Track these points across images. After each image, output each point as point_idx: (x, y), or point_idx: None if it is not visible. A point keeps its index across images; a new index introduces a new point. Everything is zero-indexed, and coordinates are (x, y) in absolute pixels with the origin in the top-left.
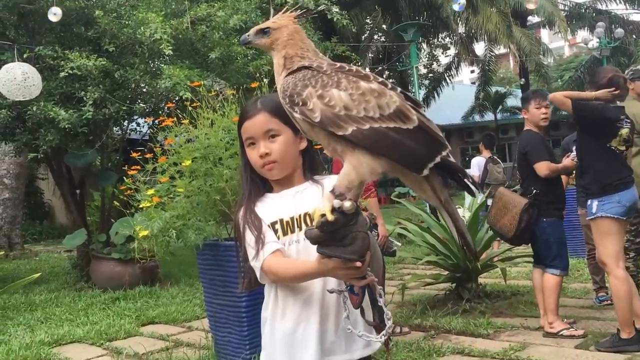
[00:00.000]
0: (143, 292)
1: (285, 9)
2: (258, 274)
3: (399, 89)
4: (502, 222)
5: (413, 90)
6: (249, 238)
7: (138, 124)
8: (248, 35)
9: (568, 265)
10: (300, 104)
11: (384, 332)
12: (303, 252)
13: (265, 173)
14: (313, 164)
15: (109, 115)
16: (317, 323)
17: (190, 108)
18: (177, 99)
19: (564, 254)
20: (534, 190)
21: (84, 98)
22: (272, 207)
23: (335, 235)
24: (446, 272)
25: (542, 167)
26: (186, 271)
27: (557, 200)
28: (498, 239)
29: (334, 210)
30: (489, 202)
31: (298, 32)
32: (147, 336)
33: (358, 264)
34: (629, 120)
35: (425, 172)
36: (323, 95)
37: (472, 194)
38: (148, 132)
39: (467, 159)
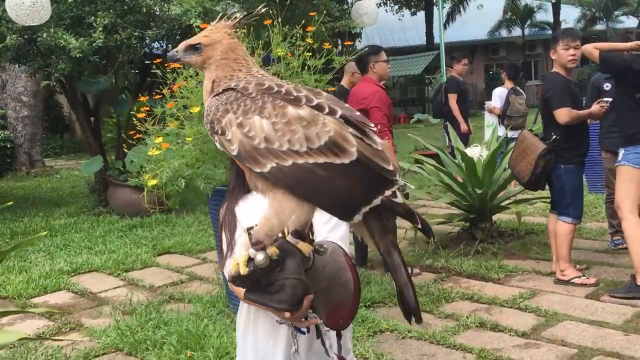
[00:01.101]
0: (159, 220)
1: (220, 16)
2: (228, 282)
3: (340, 111)
4: (520, 166)
5: (438, 6)
6: (224, 240)
7: (151, 50)
8: (177, 52)
9: (582, 213)
10: (219, 132)
11: None
12: None
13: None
14: None
15: (120, 42)
16: (285, 342)
17: None
18: (188, 24)
19: (578, 202)
20: (554, 136)
21: (94, 24)
22: (253, 209)
23: (259, 282)
24: (461, 213)
25: (562, 114)
26: (202, 198)
27: (578, 147)
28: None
29: (249, 260)
30: (510, 134)
31: (234, 49)
32: (162, 267)
33: (287, 314)
34: None
35: (357, 218)
36: (243, 124)
37: (427, 235)
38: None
39: (491, 78)
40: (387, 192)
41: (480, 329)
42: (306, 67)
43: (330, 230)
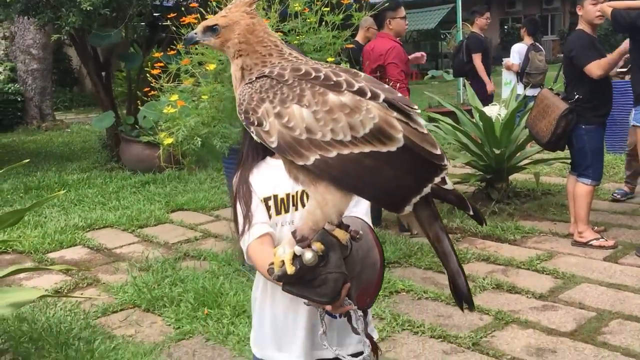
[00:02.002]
0: (172, 176)
1: None
2: (245, 255)
3: (382, 95)
4: (540, 126)
5: None
6: (239, 211)
7: (162, 2)
8: (195, 33)
9: (601, 175)
10: (256, 123)
11: (360, 357)
12: None
13: None
14: None
15: None
16: (306, 316)
17: (213, 2)
18: None
19: (598, 164)
20: (577, 96)
21: None
22: (268, 178)
23: (302, 278)
24: (477, 173)
25: (594, 68)
26: (217, 156)
27: (600, 107)
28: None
29: (295, 257)
30: (529, 92)
31: (253, 31)
32: (176, 224)
33: (328, 307)
34: None
35: (408, 209)
36: (281, 114)
37: (480, 222)
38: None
39: (507, 33)
40: (437, 179)
41: (496, 290)
42: (324, 23)
43: (355, 204)
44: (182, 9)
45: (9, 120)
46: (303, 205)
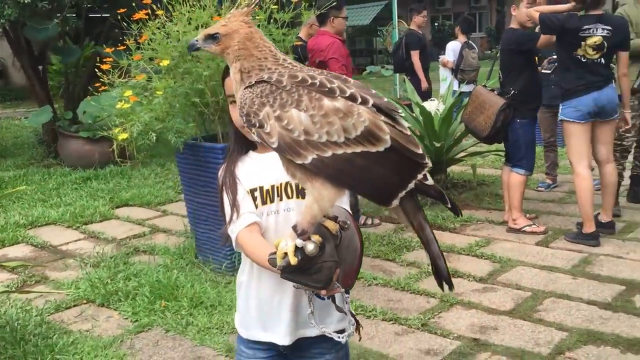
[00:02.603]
0: (114, 172)
1: (237, 3)
2: (233, 243)
3: (371, 100)
4: (477, 121)
5: None
6: (226, 202)
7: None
8: (197, 40)
9: (534, 166)
10: (257, 125)
11: (346, 334)
12: (282, 224)
13: (245, 134)
14: None
15: None
16: (291, 297)
17: None
18: None
19: (531, 155)
20: (512, 91)
21: None
22: (253, 170)
23: (301, 267)
24: None
25: (541, 41)
26: (157, 150)
27: (532, 101)
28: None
29: (297, 249)
30: (463, 88)
31: (251, 39)
32: (122, 220)
33: (323, 292)
34: (607, 27)
35: (395, 202)
36: (281, 117)
37: (456, 213)
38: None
39: (437, 30)
40: (420, 176)
41: None
42: (272, 20)
43: None
44: (134, 4)
45: None
46: (287, 196)
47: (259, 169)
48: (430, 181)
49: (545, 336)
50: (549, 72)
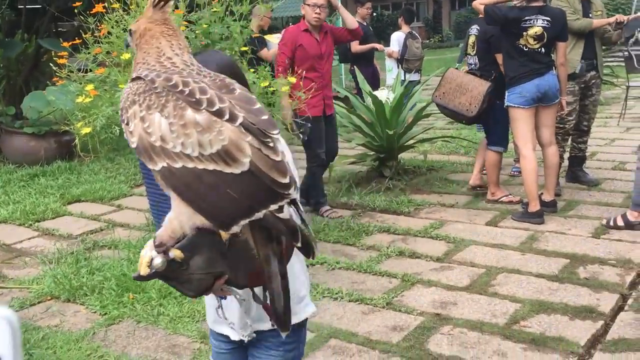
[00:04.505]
0: (62, 168)
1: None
2: None
3: (241, 118)
4: (459, 101)
5: None
6: None
7: None
8: (127, 39)
9: (508, 143)
10: (125, 122)
11: (247, 333)
12: None
13: None
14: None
15: None
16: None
17: None
18: None
19: (506, 134)
20: (494, 74)
21: None
22: None
23: (166, 277)
24: (372, 153)
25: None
26: (104, 144)
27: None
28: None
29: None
30: (408, 76)
31: (145, 34)
32: (76, 216)
33: (196, 299)
34: (546, 18)
35: (235, 229)
36: (144, 119)
37: (306, 255)
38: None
39: (375, 20)
40: (273, 207)
41: (400, 257)
42: (228, 13)
43: None
44: None
45: None
46: None
47: None
48: (285, 214)
49: (500, 308)
50: None
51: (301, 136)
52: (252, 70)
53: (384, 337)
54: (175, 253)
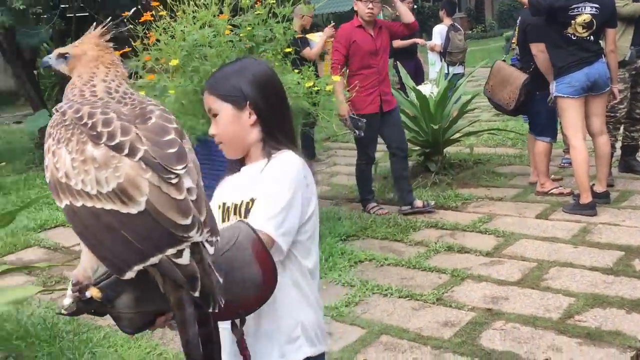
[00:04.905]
0: None
1: (93, 25)
2: None
3: (141, 152)
4: (502, 95)
5: None
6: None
7: None
8: (50, 58)
9: (556, 133)
10: (44, 154)
11: None
12: None
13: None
14: (274, 136)
15: None
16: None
17: None
18: None
19: (553, 124)
20: (533, 66)
21: None
22: (227, 186)
23: (94, 312)
24: (417, 148)
25: (534, 48)
26: None
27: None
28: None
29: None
30: (451, 69)
31: (86, 55)
32: None
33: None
34: (595, 5)
35: (130, 274)
36: (55, 153)
37: (206, 306)
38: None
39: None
40: (170, 251)
41: (448, 252)
42: (271, 14)
43: (252, 212)
44: (139, 6)
45: None
46: (233, 216)
47: (230, 185)
48: (184, 260)
49: (554, 302)
50: None
51: (356, 132)
52: (296, 70)
53: (435, 332)
54: (93, 292)
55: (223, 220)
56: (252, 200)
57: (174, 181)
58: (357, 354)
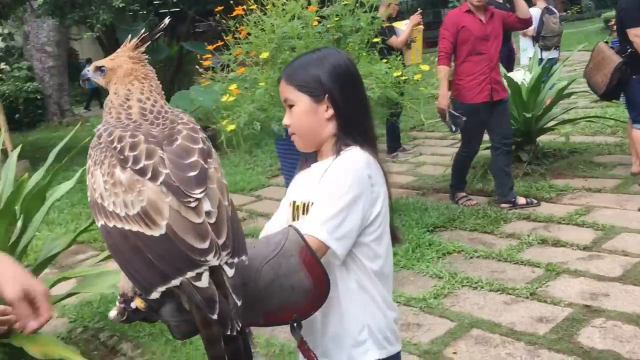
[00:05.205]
0: None
1: (128, 39)
2: None
3: (162, 177)
4: (596, 78)
5: None
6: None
7: None
8: (88, 71)
9: None
10: (87, 173)
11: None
12: None
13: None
14: (349, 133)
15: None
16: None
17: None
18: None
19: None
20: (629, 49)
21: None
22: (297, 183)
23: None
24: None
25: (632, 34)
26: (246, 139)
27: None
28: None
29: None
30: (545, 54)
31: (127, 74)
32: None
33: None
34: None
35: (155, 295)
36: (92, 174)
37: (219, 327)
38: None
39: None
40: (190, 274)
41: (542, 245)
42: (358, 4)
43: (321, 209)
44: (231, 1)
45: (30, 119)
46: (300, 214)
47: (300, 182)
48: (203, 283)
49: None
50: None
51: (453, 128)
52: (384, 60)
53: (529, 328)
54: (137, 303)
55: (294, 219)
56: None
57: (192, 205)
58: (447, 347)
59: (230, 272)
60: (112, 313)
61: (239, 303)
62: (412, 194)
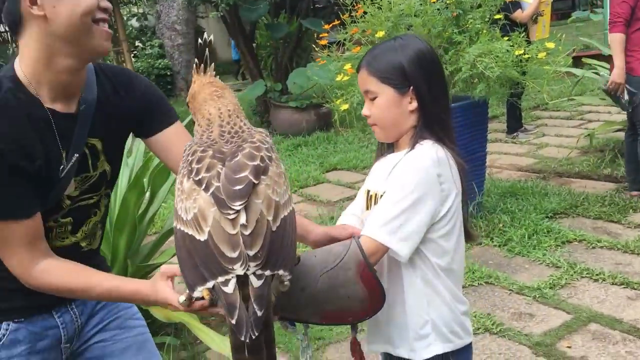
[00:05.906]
0: (321, 139)
1: (195, 63)
2: None
3: (212, 189)
4: None
5: None
6: None
7: None
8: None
9: None
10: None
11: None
12: None
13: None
14: (429, 126)
15: None
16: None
17: None
18: None
19: None
20: None
21: None
22: (373, 172)
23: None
24: None
25: None
26: (357, 115)
27: None
28: None
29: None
30: None
31: (197, 95)
32: (334, 183)
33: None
34: None
35: (197, 293)
36: (178, 182)
37: (235, 334)
38: None
39: None
40: (220, 279)
41: None
42: None
43: (384, 208)
44: None
45: None
46: (373, 204)
47: (376, 171)
48: (229, 289)
49: None
50: None
51: (626, 105)
52: (506, 37)
53: None
54: (204, 292)
55: (367, 207)
56: (383, 194)
57: (231, 217)
58: (561, 340)
59: (256, 282)
60: (181, 298)
61: (260, 314)
62: (532, 177)
